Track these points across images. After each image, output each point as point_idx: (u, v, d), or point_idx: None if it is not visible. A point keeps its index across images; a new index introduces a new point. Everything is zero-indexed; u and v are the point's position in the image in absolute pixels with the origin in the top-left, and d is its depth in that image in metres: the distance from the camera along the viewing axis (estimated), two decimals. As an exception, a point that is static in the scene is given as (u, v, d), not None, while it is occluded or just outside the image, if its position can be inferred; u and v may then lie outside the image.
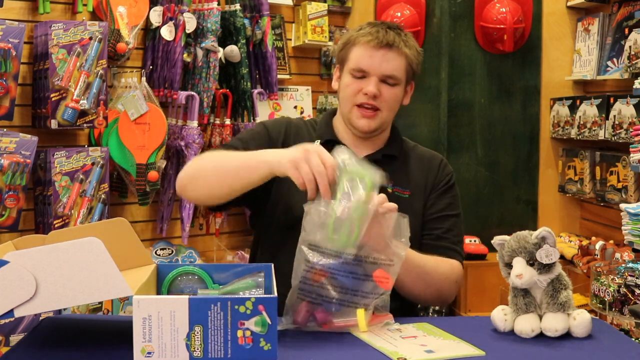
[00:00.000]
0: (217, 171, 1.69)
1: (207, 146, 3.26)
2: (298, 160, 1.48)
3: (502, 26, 3.51)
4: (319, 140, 1.85)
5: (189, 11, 3.11)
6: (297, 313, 1.45)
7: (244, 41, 3.29)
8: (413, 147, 1.98)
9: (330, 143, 1.83)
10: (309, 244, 1.44)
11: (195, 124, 3.15)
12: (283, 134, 1.88)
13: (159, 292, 1.49)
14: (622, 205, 2.75)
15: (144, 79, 3.05)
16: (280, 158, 1.53)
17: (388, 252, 1.46)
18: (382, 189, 1.72)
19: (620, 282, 2.39)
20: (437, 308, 3.45)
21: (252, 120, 3.32)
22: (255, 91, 3.36)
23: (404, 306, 1.76)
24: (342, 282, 1.44)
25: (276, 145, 1.80)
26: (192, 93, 3.15)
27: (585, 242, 3.32)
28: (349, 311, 1.45)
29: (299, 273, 1.45)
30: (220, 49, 3.23)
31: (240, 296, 1.29)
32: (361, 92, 1.81)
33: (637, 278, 2.35)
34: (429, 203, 1.88)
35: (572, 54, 3.69)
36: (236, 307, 1.23)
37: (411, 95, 1.93)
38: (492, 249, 1.58)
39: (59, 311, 2.21)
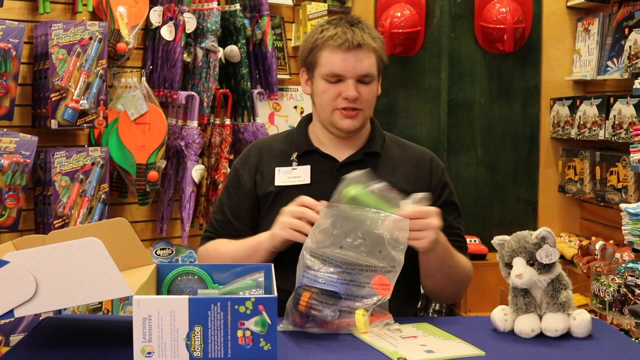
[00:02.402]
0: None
1: (207, 146, 3.26)
2: (284, 223, 1.62)
3: (502, 26, 3.51)
4: (296, 153, 1.86)
5: (189, 11, 3.10)
6: (297, 315, 1.45)
7: (244, 41, 3.29)
8: (396, 141, 1.94)
9: (307, 154, 1.86)
10: (311, 251, 1.45)
11: (195, 124, 3.14)
12: (255, 162, 1.89)
13: (159, 292, 1.49)
14: (622, 205, 2.75)
15: (144, 79, 3.05)
16: (272, 231, 1.67)
17: (387, 258, 1.46)
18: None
19: (620, 282, 2.39)
20: (437, 308, 3.45)
21: (252, 120, 3.32)
22: (255, 91, 3.36)
23: (401, 307, 1.75)
24: (340, 289, 1.43)
25: (253, 176, 1.86)
26: (192, 93, 3.15)
27: (585, 242, 3.32)
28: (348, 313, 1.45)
29: (300, 277, 1.45)
30: (220, 49, 3.22)
31: (240, 296, 1.29)
32: (340, 97, 1.78)
33: (637, 278, 2.35)
34: None
35: (572, 54, 3.69)
36: (236, 307, 1.23)
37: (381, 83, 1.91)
38: (492, 249, 1.58)
39: (59, 311, 2.21)
